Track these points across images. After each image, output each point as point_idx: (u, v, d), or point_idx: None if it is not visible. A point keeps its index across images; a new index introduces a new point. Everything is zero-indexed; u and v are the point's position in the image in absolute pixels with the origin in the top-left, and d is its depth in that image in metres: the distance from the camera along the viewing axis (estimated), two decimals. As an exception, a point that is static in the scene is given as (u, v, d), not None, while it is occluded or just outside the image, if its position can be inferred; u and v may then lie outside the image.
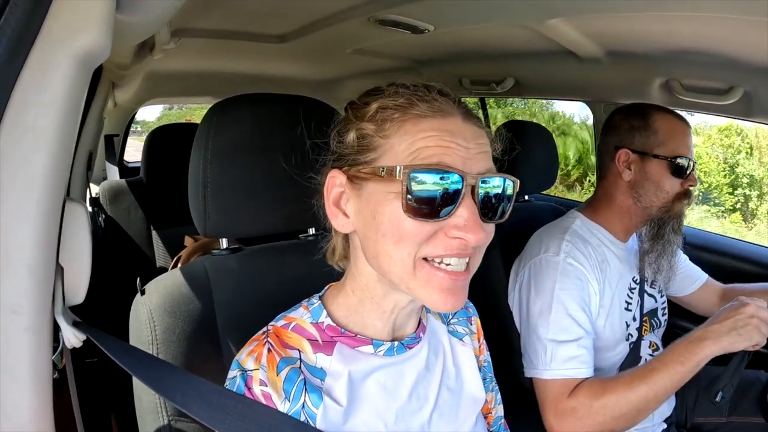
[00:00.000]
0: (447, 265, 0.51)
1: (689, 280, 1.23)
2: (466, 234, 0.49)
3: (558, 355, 0.91)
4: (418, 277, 0.51)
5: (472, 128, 0.53)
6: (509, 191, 0.54)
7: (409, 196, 0.48)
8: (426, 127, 0.51)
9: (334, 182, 0.55)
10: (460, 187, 0.49)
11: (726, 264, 1.47)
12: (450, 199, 0.49)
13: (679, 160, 0.99)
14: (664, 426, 1.07)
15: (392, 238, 0.50)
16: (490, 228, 0.54)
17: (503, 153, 0.61)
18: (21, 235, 0.37)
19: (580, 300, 0.95)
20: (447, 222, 0.50)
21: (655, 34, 1.11)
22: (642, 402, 0.84)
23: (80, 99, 0.39)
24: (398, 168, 0.48)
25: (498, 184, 0.53)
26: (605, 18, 1.07)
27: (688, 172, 1.00)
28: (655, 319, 1.12)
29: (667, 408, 1.08)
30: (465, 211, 0.50)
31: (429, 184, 0.48)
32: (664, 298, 1.17)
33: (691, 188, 1.02)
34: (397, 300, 0.58)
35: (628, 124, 1.04)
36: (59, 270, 0.43)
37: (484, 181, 0.51)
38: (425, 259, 0.51)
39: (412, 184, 0.48)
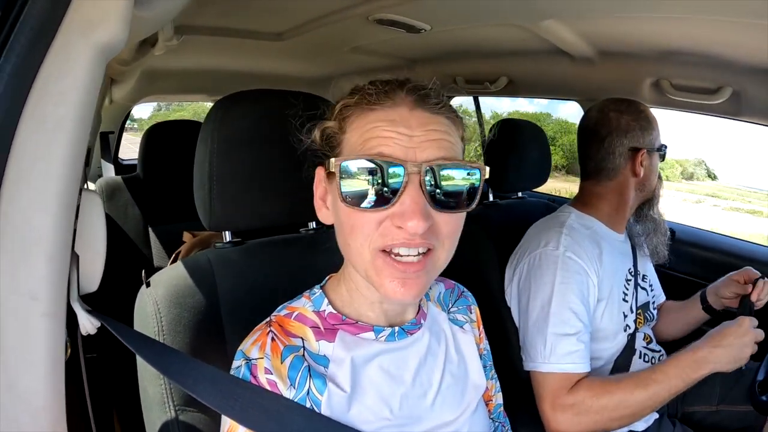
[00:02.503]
0: (398, 255, 0.52)
1: (660, 293, 1.28)
2: (405, 221, 0.49)
3: (557, 349, 0.93)
4: (374, 265, 0.53)
5: (422, 115, 0.52)
6: (473, 179, 0.53)
7: (342, 188, 0.51)
8: (372, 118, 0.53)
9: (320, 178, 0.59)
10: (400, 175, 0.49)
11: (715, 259, 1.50)
12: (392, 187, 0.50)
13: (665, 148, 1.09)
14: (656, 416, 1.10)
15: (347, 228, 0.53)
16: (452, 218, 0.53)
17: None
18: (40, 223, 0.38)
19: (580, 293, 0.97)
20: (391, 211, 0.51)
21: (647, 35, 1.14)
22: (639, 407, 0.88)
23: (96, 89, 0.40)
24: (331, 161, 0.51)
25: (453, 171, 0.52)
26: (598, 19, 1.09)
27: None
28: (648, 312, 1.15)
29: None
30: (406, 198, 0.50)
31: (361, 174, 0.50)
32: (654, 293, 1.20)
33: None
34: None
35: (638, 125, 1.06)
36: (74, 258, 0.44)
37: (432, 169, 0.50)
38: (384, 251, 0.52)
39: (344, 176, 0.50)
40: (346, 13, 1.17)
